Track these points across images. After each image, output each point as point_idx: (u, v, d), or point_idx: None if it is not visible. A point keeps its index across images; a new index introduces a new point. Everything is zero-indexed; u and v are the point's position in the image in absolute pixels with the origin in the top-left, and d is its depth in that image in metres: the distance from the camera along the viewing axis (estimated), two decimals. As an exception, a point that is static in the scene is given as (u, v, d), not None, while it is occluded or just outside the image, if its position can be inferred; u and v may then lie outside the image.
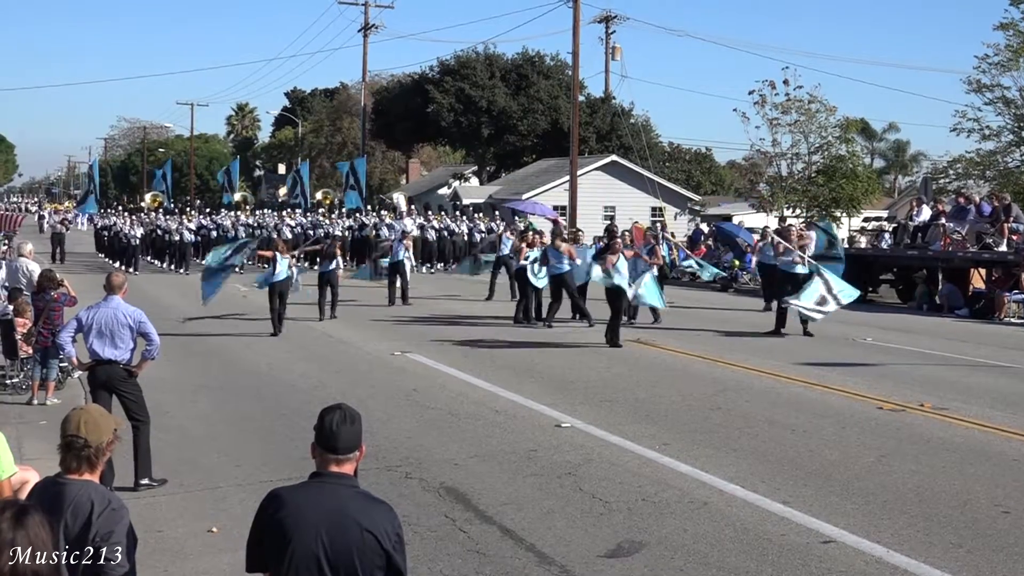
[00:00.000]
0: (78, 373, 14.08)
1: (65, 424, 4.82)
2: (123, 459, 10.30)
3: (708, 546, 8.80)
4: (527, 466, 11.43)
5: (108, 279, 11.17)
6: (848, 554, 8.61)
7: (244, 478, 10.94)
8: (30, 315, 16.23)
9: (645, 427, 13.32)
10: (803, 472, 11.21)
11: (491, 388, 16.10)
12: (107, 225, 52.46)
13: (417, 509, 9.75)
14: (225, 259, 24.37)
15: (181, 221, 45.57)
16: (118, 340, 10.75)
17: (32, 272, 18.10)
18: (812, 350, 20.40)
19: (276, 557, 4.51)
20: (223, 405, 15.04)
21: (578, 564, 8.37)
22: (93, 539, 4.55)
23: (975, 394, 15.86)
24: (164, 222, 46.44)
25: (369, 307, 27.03)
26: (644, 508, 9.88)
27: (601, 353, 19.96)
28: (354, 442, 4.69)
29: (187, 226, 44.60)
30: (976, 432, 13.19)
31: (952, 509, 9.88)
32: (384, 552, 4.51)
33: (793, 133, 50.64)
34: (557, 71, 70.69)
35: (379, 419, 13.47)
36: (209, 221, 49.53)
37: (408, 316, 25.45)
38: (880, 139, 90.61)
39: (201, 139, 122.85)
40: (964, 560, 8.46)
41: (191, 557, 8.66)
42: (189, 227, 44.81)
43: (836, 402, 15.19)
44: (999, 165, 45.66)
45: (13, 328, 16.26)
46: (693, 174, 73.25)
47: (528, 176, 62.96)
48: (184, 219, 46.90)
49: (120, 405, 10.73)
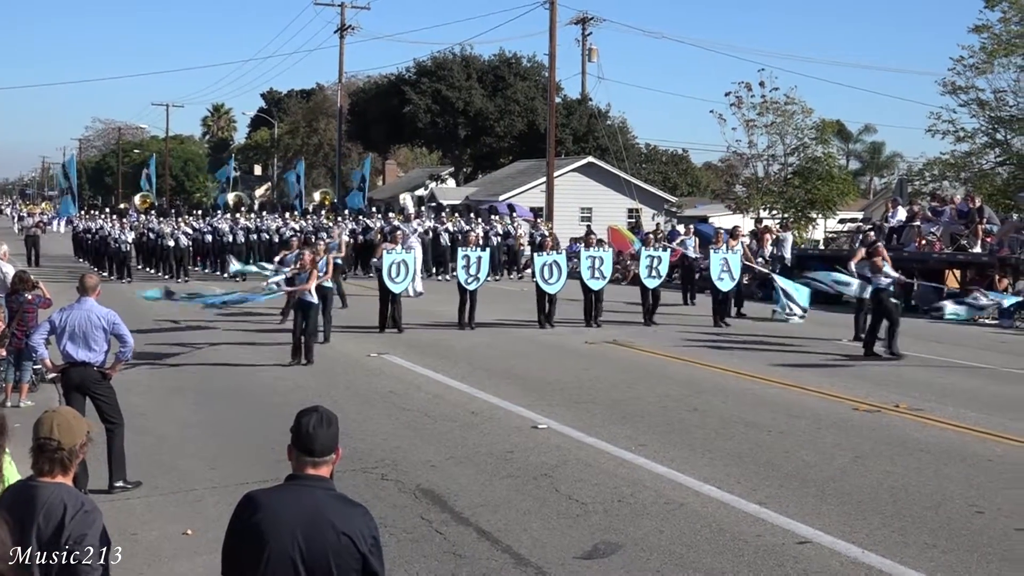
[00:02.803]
0: (51, 375, 13.99)
1: (37, 427, 4.79)
2: (97, 462, 10.28)
3: (684, 547, 8.81)
4: (503, 467, 11.43)
5: (81, 280, 11.12)
6: (823, 554, 8.64)
7: (220, 480, 10.90)
8: (3, 317, 16.10)
9: (622, 428, 13.34)
10: (779, 473, 11.24)
11: (468, 389, 16.09)
12: (88, 228, 48.33)
13: (393, 511, 9.73)
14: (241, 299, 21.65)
15: (177, 225, 41.60)
16: (91, 342, 10.71)
17: (6, 274, 17.95)
18: (788, 351, 20.47)
19: (252, 560, 4.49)
20: (198, 407, 14.98)
21: (554, 565, 8.37)
22: (66, 542, 4.52)
23: (950, 395, 15.94)
24: (157, 225, 42.63)
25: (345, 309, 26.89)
26: (620, 509, 9.89)
27: (579, 355, 19.99)
28: (330, 444, 4.67)
29: (183, 230, 40.80)
30: (951, 433, 13.26)
31: (927, 509, 9.93)
32: (360, 555, 4.50)
33: (769, 135, 50.85)
34: (534, 72, 70.67)
35: (355, 421, 13.45)
36: (203, 224, 45.57)
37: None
38: (856, 141, 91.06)
39: (176, 140, 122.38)
40: (939, 560, 8.50)
41: (166, 560, 8.62)
42: (186, 231, 41.03)
43: (812, 403, 15.25)
44: (974, 167, 45.90)
45: (-14, 330, 16.13)
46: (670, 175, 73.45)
47: (505, 178, 62.94)
48: (180, 222, 42.84)
49: (94, 407, 10.69)
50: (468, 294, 23.66)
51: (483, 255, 24.38)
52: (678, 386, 16.62)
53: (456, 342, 21.43)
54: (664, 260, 25.44)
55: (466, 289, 23.66)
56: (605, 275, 24.48)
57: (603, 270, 24.41)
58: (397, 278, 22.84)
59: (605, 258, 24.81)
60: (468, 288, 23.65)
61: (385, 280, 22.72)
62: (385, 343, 20.96)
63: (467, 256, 23.96)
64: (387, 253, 22.98)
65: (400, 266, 22.85)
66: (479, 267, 23.87)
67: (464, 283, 23.72)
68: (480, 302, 23.98)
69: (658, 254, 25.36)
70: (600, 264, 24.38)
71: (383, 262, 22.74)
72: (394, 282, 22.80)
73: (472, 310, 23.67)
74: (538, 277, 24.05)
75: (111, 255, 40.56)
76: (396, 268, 22.77)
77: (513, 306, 27.40)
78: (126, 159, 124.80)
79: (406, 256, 23.49)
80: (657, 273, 25.10)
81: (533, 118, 67.48)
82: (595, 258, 24.43)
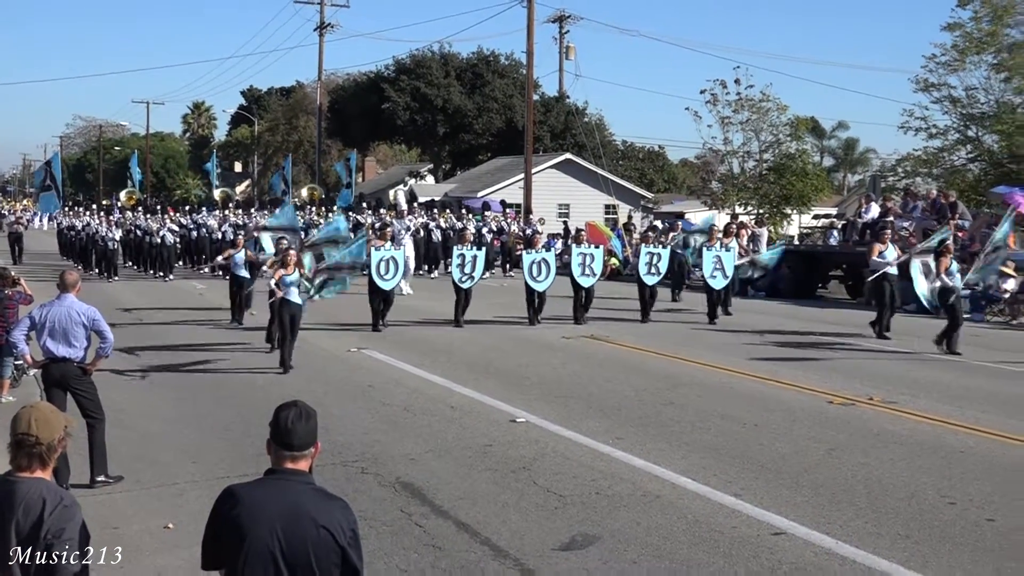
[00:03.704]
0: (33, 371, 13.91)
1: (15, 422, 4.75)
2: (79, 456, 10.22)
3: (660, 538, 8.82)
4: (482, 461, 11.42)
5: (62, 277, 11.07)
6: (798, 545, 8.67)
7: (200, 475, 10.86)
8: (-16, 312, 16.00)
9: (599, 422, 13.35)
10: (754, 465, 11.27)
11: (447, 384, 16.07)
12: (73, 225, 47.30)
13: (373, 504, 9.72)
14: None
15: (164, 222, 40.42)
16: (72, 338, 10.66)
17: (-13, 270, 17.86)
18: (764, 346, 20.55)
19: (232, 554, 4.47)
20: (179, 402, 14.92)
21: (533, 557, 8.37)
22: (45, 537, 4.49)
23: (923, 388, 16.02)
24: (144, 222, 41.46)
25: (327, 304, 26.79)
26: (598, 501, 9.90)
27: (557, 350, 20.00)
28: (309, 439, 4.66)
29: (170, 227, 39.62)
30: (924, 425, 13.32)
31: (900, 501, 9.97)
32: (340, 548, 4.49)
33: (744, 131, 50.98)
34: (512, 70, 70.66)
35: (335, 415, 13.41)
36: (189, 220, 44.47)
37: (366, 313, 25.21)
38: (830, 137, 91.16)
39: (157, 137, 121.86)
40: (912, 550, 8.54)
41: (147, 554, 8.58)
42: (172, 228, 39.96)
43: (787, 397, 15.29)
44: (945, 163, 46.11)
45: (-33, 327, 16.03)
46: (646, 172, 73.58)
47: (483, 174, 62.89)
48: (167, 219, 41.80)
49: (75, 403, 10.66)
50: (463, 292, 23.43)
51: (479, 254, 24.16)
52: (655, 380, 16.64)
53: (436, 337, 21.39)
54: (664, 257, 25.22)
55: (461, 287, 23.42)
56: (596, 272, 24.33)
57: (594, 267, 24.22)
58: (386, 275, 22.39)
59: (596, 255, 24.53)
60: (463, 287, 23.41)
61: (374, 278, 22.26)
62: (364, 338, 20.91)
63: (463, 255, 23.74)
64: (375, 250, 22.37)
65: (389, 263, 22.38)
66: (474, 266, 23.64)
67: (459, 281, 23.44)
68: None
69: (658, 251, 25.06)
70: (591, 261, 24.20)
71: (371, 259, 22.17)
72: (383, 279, 22.35)
73: (465, 308, 23.47)
74: (526, 275, 23.76)
75: (98, 253, 39.40)
76: (385, 265, 22.34)
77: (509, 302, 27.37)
78: (107, 156, 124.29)
79: (395, 253, 22.99)
80: (656, 270, 24.85)
81: (511, 115, 67.48)
82: (586, 255, 24.28)
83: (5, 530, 4.41)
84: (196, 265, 41.49)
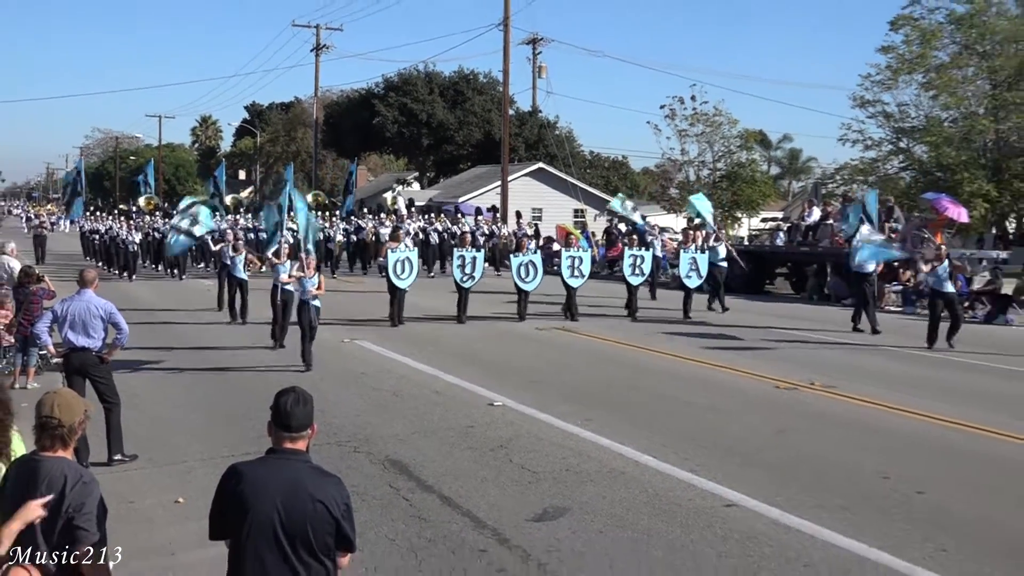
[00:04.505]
0: (55, 360, 13.83)
1: (39, 406, 4.74)
2: (97, 437, 10.18)
3: (624, 510, 8.83)
4: (463, 441, 11.41)
5: (81, 274, 11.03)
6: (748, 516, 8.69)
7: (208, 454, 10.81)
8: (11, 307, 15.89)
9: (570, 406, 13.34)
10: (709, 444, 11.29)
11: (433, 371, 16.03)
12: (96, 229, 46.01)
13: (365, 480, 9.69)
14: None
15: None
16: (90, 330, 10.64)
17: (13, 268, 17.80)
18: (720, 337, 20.57)
19: (236, 525, 4.47)
20: (188, 389, 14.84)
21: (509, 527, 8.37)
22: (66, 510, 4.48)
23: (859, 374, 16.09)
24: (162, 225, 39.93)
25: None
26: (567, 477, 9.90)
27: (533, 341, 19.99)
28: (306, 421, 4.65)
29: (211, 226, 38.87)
30: (860, 407, 13.38)
31: (839, 476, 10.01)
32: (334, 520, 4.49)
33: (699, 143, 51.40)
34: (490, 87, 70.53)
35: (330, 400, 13.37)
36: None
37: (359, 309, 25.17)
38: (776, 148, 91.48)
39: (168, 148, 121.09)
40: (850, 520, 8.57)
41: (159, 526, 8.54)
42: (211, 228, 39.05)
43: (739, 382, 15.33)
44: (880, 171, 46.29)
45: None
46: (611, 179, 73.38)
47: (464, 181, 62.83)
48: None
49: (93, 389, 10.61)
50: (464, 291, 23.06)
51: (478, 255, 23.78)
52: (622, 368, 16.65)
53: (425, 331, 21.31)
54: (647, 259, 24.94)
55: (462, 287, 23.07)
56: (584, 273, 24.04)
57: (582, 269, 24.00)
58: (402, 275, 22.16)
59: (584, 258, 24.20)
60: (464, 286, 23.09)
61: (392, 277, 22.01)
62: (358, 331, 20.83)
63: (463, 256, 23.42)
64: (391, 252, 22.16)
65: (405, 263, 22.15)
66: (474, 267, 23.29)
67: (460, 282, 23.13)
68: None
69: (640, 253, 24.88)
70: (579, 264, 23.94)
71: (388, 260, 22.01)
72: (400, 279, 22.10)
73: (465, 305, 23.08)
74: (515, 276, 23.30)
75: (119, 254, 38.44)
76: (401, 265, 22.12)
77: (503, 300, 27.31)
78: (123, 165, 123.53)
79: (410, 254, 22.63)
80: (640, 271, 24.71)
81: (489, 128, 67.37)
82: (575, 258, 24.06)
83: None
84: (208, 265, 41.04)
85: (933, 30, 43.09)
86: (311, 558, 4.46)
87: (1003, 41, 42.12)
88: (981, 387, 15.34)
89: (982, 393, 14.75)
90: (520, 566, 7.57)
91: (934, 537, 8.19)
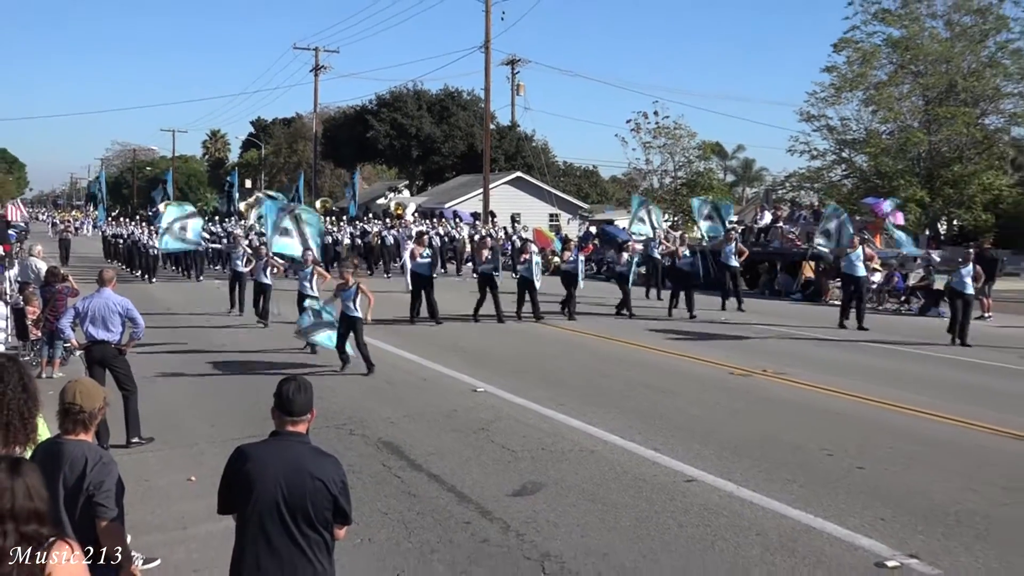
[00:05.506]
0: (78, 352, 13.75)
1: (63, 394, 4.72)
2: (117, 422, 10.13)
3: (594, 485, 8.85)
4: (449, 423, 11.40)
5: (100, 274, 11.04)
6: (706, 490, 8.72)
7: (217, 436, 10.78)
8: (38, 304, 15.89)
9: (546, 391, 13.35)
10: (671, 425, 11.32)
11: (420, 360, 16.02)
12: (118, 234, 45.08)
13: (360, 459, 9.68)
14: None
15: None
16: (109, 324, 10.63)
17: (40, 269, 17.74)
18: (680, 328, 20.62)
19: (242, 501, 4.46)
20: (199, 378, 14.79)
21: (490, 501, 8.38)
22: (87, 488, 4.46)
23: (807, 361, 16.16)
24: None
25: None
26: (544, 456, 9.91)
27: (513, 333, 19.98)
28: (306, 406, 4.64)
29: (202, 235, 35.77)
30: (807, 392, 13.43)
31: (788, 453, 10.06)
32: (332, 496, 4.48)
33: (662, 154, 51.54)
34: (473, 104, 70.34)
35: (328, 387, 13.34)
36: (220, 229, 42.64)
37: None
38: (731, 158, 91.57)
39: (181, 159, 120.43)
40: (797, 493, 8.62)
41: (174, 502, 8.52)
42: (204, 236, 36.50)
43: (698, 370, 15.37)
44: (824, 179, 46.51)
45: (24, 315, 15.95)
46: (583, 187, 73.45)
47: (449, 189, 62.71)
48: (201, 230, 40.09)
49: (112, 378, 10.58)
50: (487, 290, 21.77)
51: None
52: (593, 358, 16.67)
53: (413, 324, 21.23)
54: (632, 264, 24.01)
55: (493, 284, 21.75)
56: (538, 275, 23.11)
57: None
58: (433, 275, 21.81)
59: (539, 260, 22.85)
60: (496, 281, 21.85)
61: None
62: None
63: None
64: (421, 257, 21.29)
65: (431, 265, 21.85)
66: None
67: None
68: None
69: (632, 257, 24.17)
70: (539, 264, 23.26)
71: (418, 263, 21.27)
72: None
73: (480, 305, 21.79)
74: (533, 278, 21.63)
75: (141, 257, 37.75)
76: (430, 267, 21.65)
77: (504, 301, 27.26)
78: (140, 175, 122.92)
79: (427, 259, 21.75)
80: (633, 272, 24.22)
81: (472, 141, 67.22)
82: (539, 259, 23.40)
83: (54, 482, 4.37)
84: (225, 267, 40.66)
85: (872, 52, 43.30)
86: (311, 530, 4.46)
87: (934, 61, 42.37)
88: (916, 373, 15.42)
89: (922, 378, 14.81)
90: (501, 536, 7.58)
91: (873, 507, 8.24)
